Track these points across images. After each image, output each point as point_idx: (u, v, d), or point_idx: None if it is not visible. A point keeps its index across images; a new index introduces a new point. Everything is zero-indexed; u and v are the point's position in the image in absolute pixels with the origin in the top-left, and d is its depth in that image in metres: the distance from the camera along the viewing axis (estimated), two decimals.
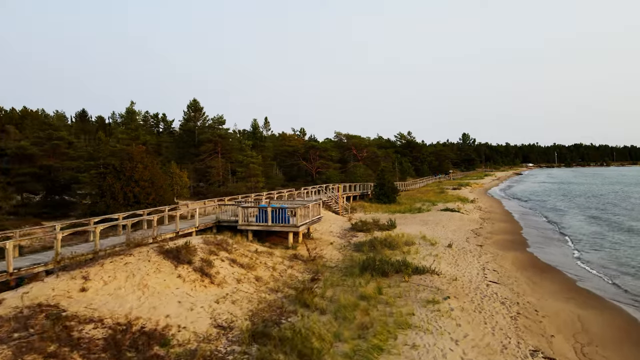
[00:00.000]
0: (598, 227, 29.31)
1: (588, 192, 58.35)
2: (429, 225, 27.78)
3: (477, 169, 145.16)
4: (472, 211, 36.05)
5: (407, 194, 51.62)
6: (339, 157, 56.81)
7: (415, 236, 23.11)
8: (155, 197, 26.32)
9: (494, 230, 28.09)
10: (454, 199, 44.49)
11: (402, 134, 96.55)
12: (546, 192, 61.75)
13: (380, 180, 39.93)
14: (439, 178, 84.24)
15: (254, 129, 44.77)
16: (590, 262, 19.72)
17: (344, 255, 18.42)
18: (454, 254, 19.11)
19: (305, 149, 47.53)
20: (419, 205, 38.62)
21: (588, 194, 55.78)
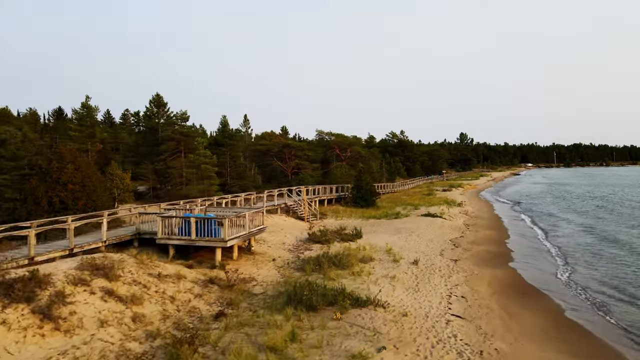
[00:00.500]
0: (593, 237, 25.87)
1: (585, 195, 55.01)
2: (402, 234, 24.43)
3: (473, 169, 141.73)
4: (456, 216, 32.70)
5: (392, 196, 48.26)
6: (322, 156, 53.46)
7: (379, 249, 19.77)
8: (86, 203, 23.03)
9: (476, 239, 24.75)
10: (440, 202, 41.13)
11: (394, 133, 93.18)
12: (541, 194, 58.40)
13: (358, 182, 36.57)
14: (431, 179, 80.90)
15: (224, 126, 41.50)
16: (583, 284, 16.37)
17: (281, 277, 15.07)
18: (417, 274, 15.76)
19: (279, 148, 44.21)
20: (400, 209, 35.27)
21: (585, 197, 52.43)
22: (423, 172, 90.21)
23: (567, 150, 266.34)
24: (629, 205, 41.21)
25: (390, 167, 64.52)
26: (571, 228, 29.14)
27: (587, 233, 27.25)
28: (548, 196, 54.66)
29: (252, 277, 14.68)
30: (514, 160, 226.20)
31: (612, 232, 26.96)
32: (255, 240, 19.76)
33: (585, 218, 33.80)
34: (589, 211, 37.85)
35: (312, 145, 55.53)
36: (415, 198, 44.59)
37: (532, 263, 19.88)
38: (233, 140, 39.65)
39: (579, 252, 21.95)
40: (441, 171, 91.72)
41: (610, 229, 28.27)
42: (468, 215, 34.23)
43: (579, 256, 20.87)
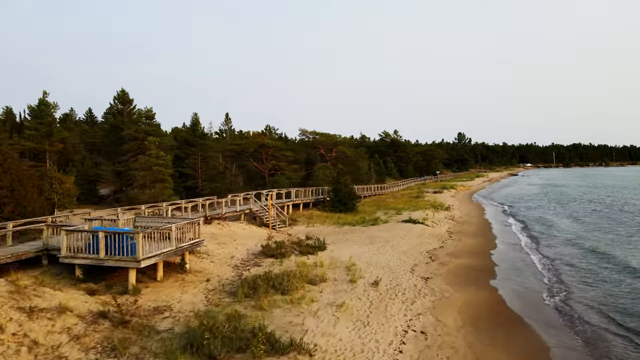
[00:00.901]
0: (588, 249, 22.98)
1: (582, 197, 52.32)
2: (374, 245, 21.75)
3: (470, 170, 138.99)
4: (440, 222, 30.00)
5: (378, 199, 45.57)
6: (305, 157, 50.75)
7: (340, 265, 17.09)
8: (14, 209, 20.43)
9: (457, 250, 22.06)
10: (427, 205, 38.44)
11: (387, 133, 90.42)
12: (537, 197, 55.71)
13: (336, 184, 33.87)
14: (424, 180, 78.21)
15: (194, 124, 38.81)
16: (576, 310, 13.68)
17: (206, 304, 12.38)
18: (373, 300, 13.07)
19: (254, 148, 41.47)
20: (380, 214, 32.59)
21: (582, 199, 49.75)
22: (417, 172, 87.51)
23: (567, 150, 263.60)
24: (627, 209, 38.52)
25: (380, 168, 61.77)
26: (565, 237, 26.42)
27: (581, 243, 24.52)
28: (544, 199, 51.96)
29: (168, 306, 11.98)
30: (513, 161, 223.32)
31: (609, 243, 24.24)
32: (196, 255, 17.09)
33: (580, 224, 31.10)
34: (585, 216, 35.16)
35: (295, 145, 52.85)
36: (401, 201, 41.90)
37: (518, 280, 17.20)
38: (205, 139, 36.97)
39: (572, 267, 19.24)
40: (435, 172, 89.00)
41: (608, 239, 25.57)
42: (454, 221, 31.53)
43: (572, 273, 18.13)
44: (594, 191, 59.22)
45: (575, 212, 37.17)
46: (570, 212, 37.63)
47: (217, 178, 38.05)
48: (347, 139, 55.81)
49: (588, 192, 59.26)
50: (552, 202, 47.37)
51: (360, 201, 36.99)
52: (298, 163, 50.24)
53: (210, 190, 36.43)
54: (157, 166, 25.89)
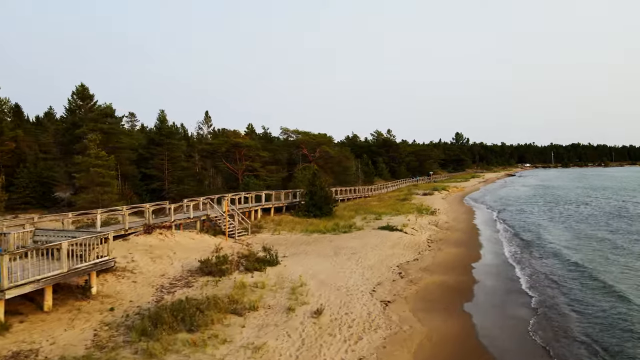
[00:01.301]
0: (583, 266, 20.25)
1: (579, 200, 49.65)
2: (338, 257, 19.05)
3: (467, 170, 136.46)
4: (422, 229, 27.30)
5: (362, 202, 42.85)
6: (287, 157, 48.02)
7: (287, 285, 14.41)
8: None
9: (434, 263, 19.37)
10: (412, 209, 35.74)
11: (379, 132, 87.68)
12: (533, 198, 53.04)
13: (311, 187, 31.16)
14: (416, 180, 75.52)
15: (161, 122, 36.02)
16: (565, 349, 10.98)
17: (89, 346, 9.66)
18: (307, 339, 10.36)
19: (227, 148, 38.69)
20: (358, 219, 29.91)
21: (579, 202, 47.11)
22: (410, 173, 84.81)
23: (565, 150, 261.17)
24: (625, 214, 35.83)
25: (369, 169, 59.05)
26: (557, 248, 23.65)
27: (575, 257, 21.78)
28: (539, 201, 49.28)
29: (33, 350, 9.25)
30: (511, 161, 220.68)
31: (605, 258, 21.52)
32: (116, 274, 14.38)
33: (575, 233, 28.23)
34: (581, 222, 32.44)
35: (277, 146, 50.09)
36: (386, 204, 39.20)
37: (499, 305, 14.52)
38: (172, 138, 34.26)
39: (564, 288, 16.49)
40: (429, 172, 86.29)
41: (605, 249, 22.87)
42: (438, 227, 28.82)
43: (561, 299, 15.31)
44: (592, 193, 56.51)
45: (571, 217, 34.46)
46: (565, 216, 34.93)
47: (186, 180, 35.33)
48: (331, 138, 53.11)
49: (585, 194, 56.54)
50: (548, 205, 44.68)
51: (337, 205, 34.28)
52: (280, 164, 47.53)
53: (178, 192, 33.77)
54: (96, 167, 23.15)
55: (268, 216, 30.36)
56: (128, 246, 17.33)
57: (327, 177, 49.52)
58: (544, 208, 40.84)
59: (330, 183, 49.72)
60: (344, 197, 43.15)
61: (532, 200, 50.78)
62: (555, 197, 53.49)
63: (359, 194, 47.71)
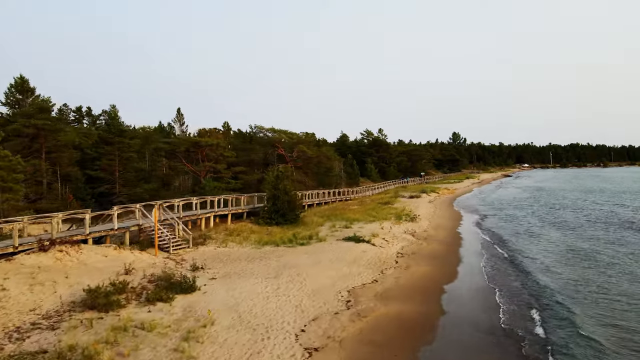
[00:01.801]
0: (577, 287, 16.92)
1: (575, 204, 46.28)
2: (279, 279, 15.66)
3: (463, 170, 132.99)
4: (395, 239, 23.90)
5: (339, 206, 39.42)
6: (262, 158, 44.55)
7: (187, 324, 11.00)
8: None
9: (396, 286, 15.98)
10: (390, 215, 32.36)
11: (369, 131, 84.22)
12: (526, 202, 49.67)
13: (274, 191, 27.74)
14: (406, 182, 72.12)
15: (111, 118, 32.67)
16: None
17: None
18: None
19: (186, 147, 35.21)
20: (324, 228, 26.53)
21: (575, 207, 43.78)
22: (401, 174, 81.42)
23: (564, 150, 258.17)
24: (626, 221, 32.45)
25: (353, 170, 55.64)
26: (548, 263, 20.29)
27: (568, 274, 18.41)
28: (533, 205, 45.90)
29: None
30: (509, 161, 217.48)
31: (600, 276, 18.14)
32: None
33: (568, 248, 24.88)
34: (575, 230, 29.08)
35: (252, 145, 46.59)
36: (364, 209, 35.78)
37: (466, 344, 11.15)
38: (124, 136, 30.80)
39: (554, 318, 13.11)
40: (421, 173, 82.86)
41: (601, 264, 19.49)
42: (414, 237, 25.42)
43: (552, 337, 11.93)
44: (589, 197, 52.99)
45: (566, 225, 30.99)
46: (559, 225, 31.46)
47: (142, 183, 31.91)
48: (312, 137, 49.49)
49: (580, 197, 53.08)
50: (540, 209, 41.32)
51: (305, 211, 30.85)
52: (254, 165, 44.12)
53: (130, 196, 30.36)
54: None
55: (225, 224, 26.95)
56: (8, 268, 13.90)
57: (306, 178, 46.16)
58: (536, 214, 37.39)
59: (310, 185, 46.36)
60: (320, 200, 39.76)
61: (525, 203, 47.37)
62: (549, 201, 50.08)
63: (340, 197, 44.32)
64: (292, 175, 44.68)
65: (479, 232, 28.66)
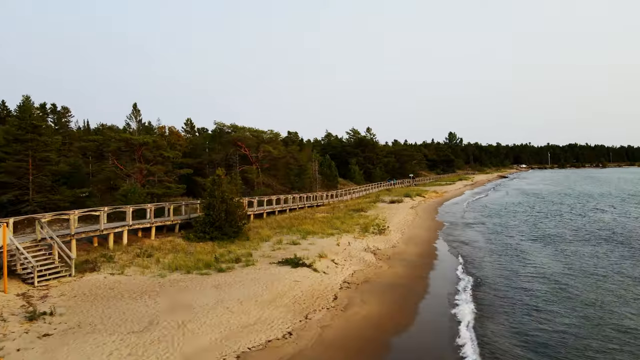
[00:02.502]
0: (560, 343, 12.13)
1: (573, 212, 41.48)
2: (149, 333, 10.82)
3: (457, 171, 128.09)
4: (348, 260, 19.05)
5: (305, 213, 34.50)
6: (224, 157, 39.61)
7: None
8: None
9: (318, 345, 11.11)
10: (357, 225, 27.53)
11: (355, 130, 79.23)
12: (519, 207, 44.89)
13: (210, 198, 22.87)
14: (392, 184, 67.28)
15: (22, 112, 27.84)
16: None
17: None
18: None
19: (117, 146, 30.19)
20: (267, 244, 21.67)
21: (572, 214, 39.03)
22: (389, 175, 76.57)
23: (562, 150, 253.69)
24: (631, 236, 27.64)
25: (330, 171, 50.76)
26: (531, 304, 15.47)
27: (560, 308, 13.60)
28: (526, 211, 41.12)
29: None
30: (506, 162, 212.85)
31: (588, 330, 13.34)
32: None
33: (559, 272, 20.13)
34: (569, 246, 24.28)
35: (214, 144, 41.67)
36: (329, 218, 30.92)
37: None
38: (37, 133, 25.89)
39: None
40: (410, 175, 77.90)
41: (591, 315, 14.68)
42: (376, 256, 20.56)
43: None
44: (588, 204, 48.19)
45: (558, 240, 26.06)
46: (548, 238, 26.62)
47: (62, 188, 26.99)
48: (277, 135, 44.45)
49: (583, 203, 48.30)
50: (532, 218, 36.54)
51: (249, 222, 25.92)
52: (213, 166, 39.19)
53: (45, 204, 25.47)
54: None
55: (148, 239, 22.05)
56: None
57: (273, 182, 41.29)
58: (530, 223, 32.51)
59: (279, 189, 41.50)
60: (283, 207, 34.87)
61: (519, 210, 42.53)
62: (543, 207, 45.24)
63: (310, 202, 39.44)
64: (257, 178, 39.83)
65: (460, 248, 23.77)
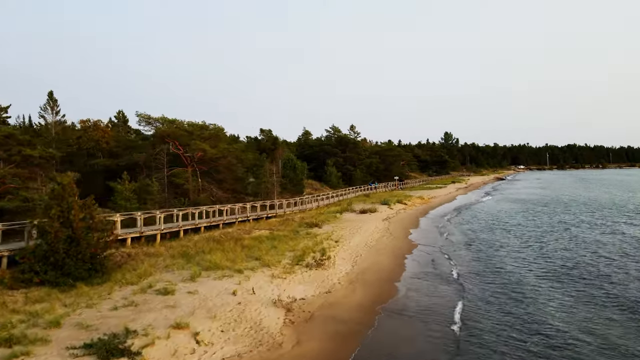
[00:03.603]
0: None
1: (581, 226, 33.77)
2: None
3: (452, 173, 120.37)
4: (227, 333, 11.23)
5: (235, 231, 26.60)
6: (149, 158, 31.70)
7: None
8: None
9: None
10: (291, 252, 19.72)
11: (335, 128, 71.39)
12: (521, 220, 37.18)
13: (48, 221, 15.01)
14: (374, 187, 59.50)
15: None
16: None
17: None
18: None
19: None
20: (127, 291, 13.82)
21: (574, 225, 31.37)
22: (372, 177, 68.83)
23: (561, 151, 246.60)
24: None
25: (295, 174, 42.89)
26: None
27: None
28: (529, 226, 33.41)
29: None
30: (503, 162, 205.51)
31: None
32: None
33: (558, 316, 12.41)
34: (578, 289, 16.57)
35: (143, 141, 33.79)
36: (262, 239, 23.08)
37: None
38: None
39: None
40: (395, 177, 70.07)
41: None
42: (287, 318, 12.71)
43: None
44: (597, 217, 40.51)
45: (584, 278, 18.48)
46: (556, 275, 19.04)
47: None
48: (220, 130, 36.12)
49: (592, 213, 40.62)
50: (540, 236, 28.91)
51: (110, 264, 17.82)
52: (137, 169, 31.36)
53: None
54: None
55: None
56: None
57: (214, 188, 33.43)
58: (530, 245, 24.86)
59: (223, 197, 33.65)
60: (213, 222, 27.02)
61: (516, 222, 34.83)
62: (550, 214, 37.57)
63: (258, 213, 31.61)
64: (192, 183, 31.98)
65: (436, 293, 15.92)
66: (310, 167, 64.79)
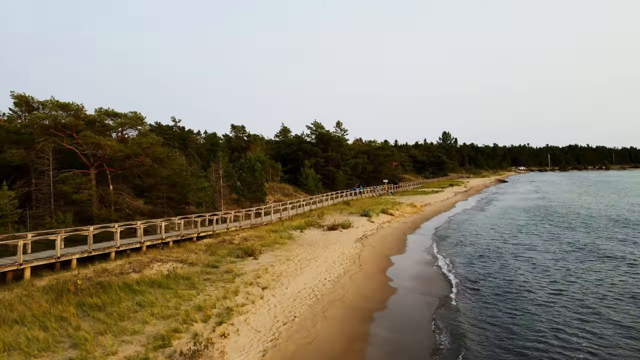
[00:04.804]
0: None
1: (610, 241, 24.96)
2: None
3: (450, 175, 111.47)
4: None
5: (115, 267, 17.62)
6: (34, 156, 22.66)
7: None
8: None
9: None
10: (166, 332, 10.80)
11: (317, 124, 62.41)
12: (530, 231, 28.36)
13: None
14: (359, 192, 50.55)
15: None
16: None
17: None
18: None
19: None
20: None
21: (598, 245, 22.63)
22: (359, 180, 59.94)
23: (562, 152, 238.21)
24: None
25: (254, 178, 33.93)
26: None
27: None
28: (542, 241, 24.62)
29: None
30: (503, 163, 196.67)
31: None
32: None
33: None
34: None
35: None
36: (135, 281, 14.15)
37: None
38: None
39: None
40: (384, 180, 61.10)
41: None
42: None
43: None
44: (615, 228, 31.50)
45: None
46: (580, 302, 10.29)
47: None
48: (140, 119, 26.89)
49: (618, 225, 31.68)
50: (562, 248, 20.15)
51: None
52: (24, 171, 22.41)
53: None
54: None
55: None
56: None
57: (130, 198, 24.43)
58: (554, 280, 16.12)
59: (147, 210, 24.67)
60: (76, 255, 17.94)
61: (530, 241, 25.99)
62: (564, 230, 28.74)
63: (180, 232, 22.58)
64: (91, 191, 22.92)
65: None
66: (286, 168, 55.91)
